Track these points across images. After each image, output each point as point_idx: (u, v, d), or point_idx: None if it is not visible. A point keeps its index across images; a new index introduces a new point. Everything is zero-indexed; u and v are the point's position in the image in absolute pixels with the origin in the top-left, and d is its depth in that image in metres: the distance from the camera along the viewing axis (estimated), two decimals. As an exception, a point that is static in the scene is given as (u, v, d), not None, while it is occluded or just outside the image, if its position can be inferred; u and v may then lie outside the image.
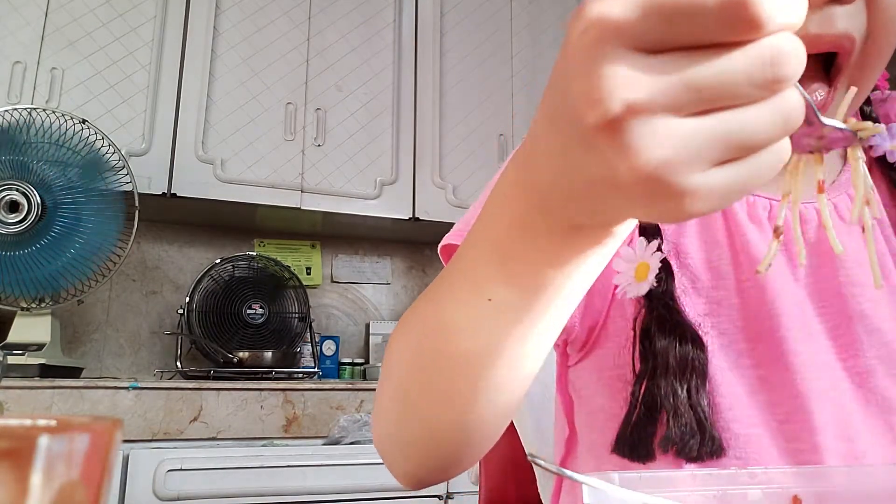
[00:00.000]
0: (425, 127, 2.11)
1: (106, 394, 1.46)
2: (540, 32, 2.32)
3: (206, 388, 1.54)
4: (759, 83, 0.22)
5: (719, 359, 0.48)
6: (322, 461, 1.48)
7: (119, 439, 0.20)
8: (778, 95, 0.23)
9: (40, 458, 0.17)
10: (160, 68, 1.87)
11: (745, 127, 0.23)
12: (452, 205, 2.09)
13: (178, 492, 1.38)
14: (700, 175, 0.23)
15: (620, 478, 0.29)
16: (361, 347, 2.26)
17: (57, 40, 1.79)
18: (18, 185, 1.55)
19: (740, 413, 0.47)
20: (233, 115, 1.92)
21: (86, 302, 1.81)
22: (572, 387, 0.56)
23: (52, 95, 1.76)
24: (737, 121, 0.23)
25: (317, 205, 1.95)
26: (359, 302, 2.31)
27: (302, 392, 1.61)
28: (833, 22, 0.39)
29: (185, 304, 1.93)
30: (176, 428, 1.48)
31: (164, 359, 2.01)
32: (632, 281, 0.49)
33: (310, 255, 2.25)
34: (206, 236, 2.15)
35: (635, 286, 0.49)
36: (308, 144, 1.98)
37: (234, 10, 1.98)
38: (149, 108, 1.84)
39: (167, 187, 1.81)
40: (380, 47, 2.12)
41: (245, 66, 1.96)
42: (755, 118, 0.23)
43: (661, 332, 0.47)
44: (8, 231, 1.54)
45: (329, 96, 2.03)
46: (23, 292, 1.60)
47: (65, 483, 0.18)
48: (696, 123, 0.23)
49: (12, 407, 1.38)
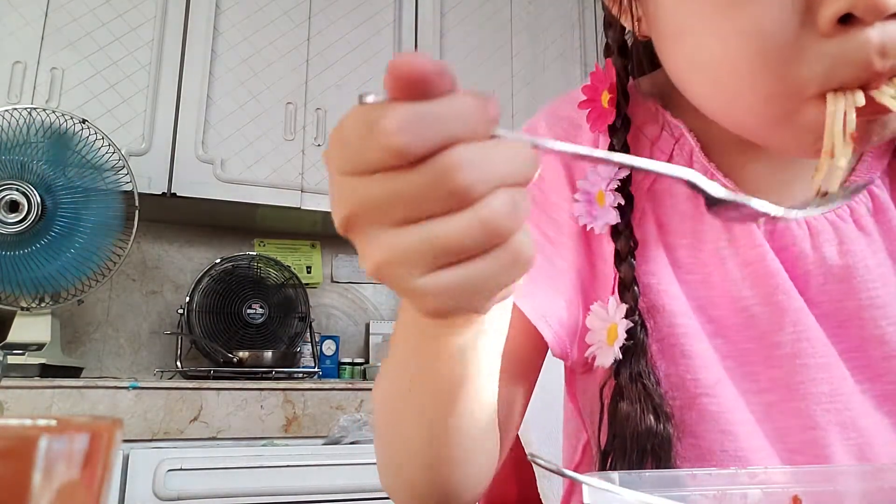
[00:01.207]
0: (425, 127, 2.11)
1: (106, 394, 1.46)
2: (540, 32, 2.32)
3: (206, 387, 1.54)
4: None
5: (725, 385, 0.46)
6: (322, 461, 1.48)
7: (119, 439, 0.20)
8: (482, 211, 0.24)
9: (40, 458, 0.17)
10: (160, 68, 1.87)
11: (449, 235, 0.24)
12: (452, 205, 2.09)
13: (178, 492, 1.38)
14: (422, 277, 0.25)
15: (620, 478, 0.29)
16: (361, 347, 2.26)
17: (57, 40, 1.79)
18: (18, 185, 1.55)
19: (746, 443, 0.45)
20: (233, 115, 1.92)
21: (86, 302, 1.81)
22: (583, 393, 0.55)
23: (52, 95, 1.76)
24: (441, 230, 0.24)
25: (317, 205, 1.95)
26: (359, 302, 2.31)
27: (302, 392, 1.61)
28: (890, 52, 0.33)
29: (185, 304, 1.93)
30: (176, 428, 1.48)
31: (164, 359, 2.01)
32: (603, 344, 0.46)
33: (310, 254, 2.25)
34: (206, 236, 2.15)
35: (605, 351, 0.46)
36: (308, 144, 1.98)
37: (234, 10, 1.98)
38: (149, 108, 1.84)
39: (167, 187, 1.81)
40: (380, 47, 2.12)
41: (245, 66, 1.96)
42: (458, 229, 0.24)
43: (626, 403, 0.44)
44: (8, 231, 1.54)
45: (329, 96, 2.03)
46: (23, 292, 1.60)
47: (65, 483, 0.18)
48: (403, 232, 0.25)
49: (12, 407, 1.38)
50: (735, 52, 0.35)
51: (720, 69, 0.37)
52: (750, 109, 0.38)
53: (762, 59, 0.34)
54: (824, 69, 0.33)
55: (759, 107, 0.37)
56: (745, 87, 0.37)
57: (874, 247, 0.45)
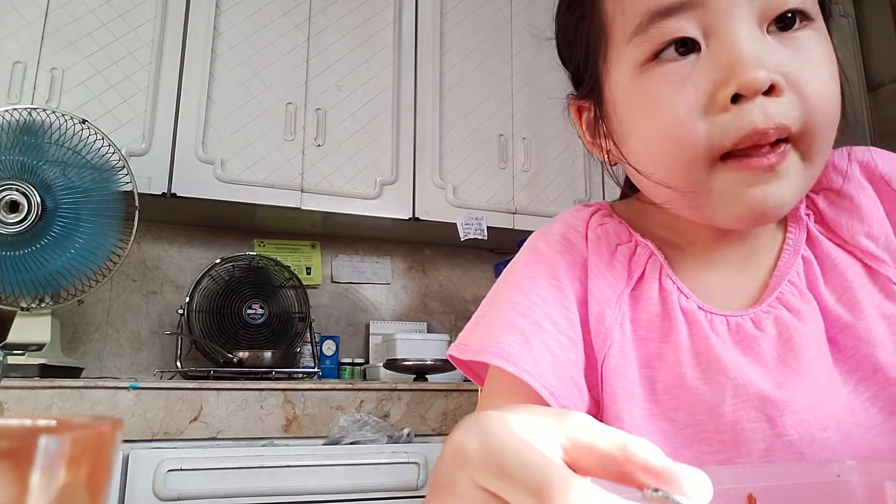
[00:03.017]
0: (425, 127, 2.11)
1: (106, 394, 1.46)
2: (540, 32, 2.32)
3: (206, 388, 1.54)
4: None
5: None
6: (322, 461, 1.48)
7: (119, 439, 0.20)
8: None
9: (40, 458, 0.17)
10: (160, 68, 1.87)
11: None
12: (452, 205, 2.09)
13: (178, 492, 1.38)
14: None
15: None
16: (361, 347, 2.26)
17: (57, 40, 1.79)
18: (18, 185, 1.55)
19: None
20: (233, 115, 1.92)
21: (86, 302, 1.81)
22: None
23: (52, 95, 1.76)
24: None
25: (317, 205, 1.95)
26: (359, 302, 2.31)
27: (302, 392, 1.61)
28: (770, 116, 0.44)
29: (185, 304, 1.93)
30: (176, 428, 1.48)
31: (164, 359, 2.01)
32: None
33: (310, 255, 2.25)
34: (206, 236, 2.15)
35: None
36: (308, 144, 1.98)
37: (234, 10, 1.98)
38: (149, 108, 1.84)
39: (167, 187, 1.81)
40: (380, 47, 2.12)
41: (245, 66, 1.96)
42: None
43: None
44: (8, 231, 1.54)
45: (329, 96, 2.03)
46: (23, 292, 1.60)
47: (65, 483, 0.18)
48: None
49: (12, 407, 1.38)
50: (660, 138, 0.48)
51: (654, 153, 0.49)
52: (679, 182, 0.48)
53: (677, 138, 0.46)
54: (725, 133, 0.45)
55: (682, 178, 0.47)
56: (669, 162, 0.48)
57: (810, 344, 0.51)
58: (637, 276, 0.54)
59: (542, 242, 0.57)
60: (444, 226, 2.09)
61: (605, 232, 0.56)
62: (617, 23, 0.49)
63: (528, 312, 0.52)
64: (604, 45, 0.51)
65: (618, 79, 0.50)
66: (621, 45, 0.49)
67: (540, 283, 0.54)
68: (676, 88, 0.46)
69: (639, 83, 0.48)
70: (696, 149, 0.45)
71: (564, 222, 0.58)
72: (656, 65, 0.47)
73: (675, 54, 0.46)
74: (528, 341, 0.49)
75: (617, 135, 0.52)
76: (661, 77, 0.47)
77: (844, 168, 0.54)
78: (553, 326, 0.51)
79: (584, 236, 0.56)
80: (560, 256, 0.55)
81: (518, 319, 0.51)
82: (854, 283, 0.51)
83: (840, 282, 0.51)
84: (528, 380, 0.47)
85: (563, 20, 0.56)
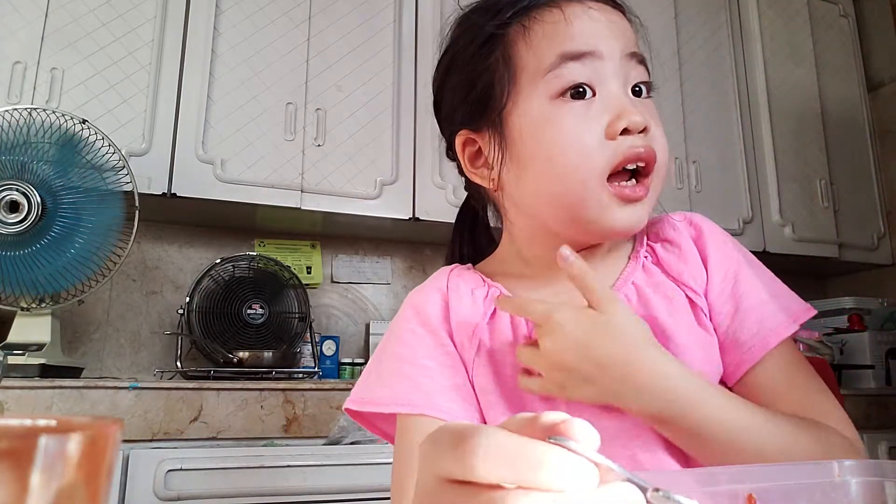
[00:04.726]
0: (425, 127, 2.11)
1: (106, 394, 1.46)
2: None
3: (206, 388, 1.54)
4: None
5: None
6: (322, 461, 1.48)
7: (119, 439, 0.20)
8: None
9: (40, 458, 0.17)
10: (160, 68, 1.87)
11: None
12: (452, 205, 2.09)
13: (178, 492, 1.38)
14: None
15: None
16: (361, 347, 2.26)
17: (57, 40, 1.79)
18: (18, 185, 1.55)
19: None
20: (233, 115, 1.92)
21: (86, 302, 1.81)
22: None
23: (52, 95, 1.76)
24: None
25: (317, 205, 1.95)
26: (359, 302, 2.31)
27: (302, 392, 1.61)
28: (645, 141, 0.60)
29: (185, 304, 1.93)
30: (176, 428, 1.48)
31: (164, 359, 2.01)
32: None
33: (310, 255, 2.25)
34: (206, 236, 2.15)
35: None
36: (308, 144, 1.97)
37: (234, 10, 1.98)
38: (149, 108, 1.84)
39: (167, 187, 1.81)
40: (380, 47, 2.12)
41: (245, 66, 1.96)
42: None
43: None
44: (8, 231, 1.54)
45: (329, 96, 2.03)
46: (23, 292, 1.60)
47: (65, 483, 0.18)
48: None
49: (12, 407, 1.38)
50: (567, 156, 0.60)
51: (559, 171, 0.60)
52: (574, 195, 0.60)
53: (585, 156, 0.59)
54: (615, 153, 0.59)
55: (580, 190, 0.60)
56: (573, 177, 0.60)
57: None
58: (490, 312, 0.66)
59: (416, 298, 0.69)
60: (445, 226, 2.08)
61: (463, 280, 0.69)
62: (529, 62, 0.62)
63: (413, 359, 0.63)
64: (515, 80, 0.63)
65: (528, 107, 0.62)
66: (534, 78, 0.62)
67: (418, 332, 0.65)
68: (581, 120, 0.60)
69: (552, 110, 0.61)
70: (595, 166, 0.59)
71: (433, 279, 0.71)
72: (563, 101, 0.61)
73: (574, 95, 0.60)
74: (417, 382, 0.61)
75: (517, 159, 0.63)
76: (569, 110, 0.60)
77: (681, 227, 0.69)
78: (435, 362, 0.63)
79: (446, 287, 0.68)
80: (430, 306, 0.67)
81: (406, 368, 0.63)
82: (676, 303, 0.64)
83: (667, 301, 0.65)
84: (426, 413, 0.60)
85: (468, 65, 0.68)
